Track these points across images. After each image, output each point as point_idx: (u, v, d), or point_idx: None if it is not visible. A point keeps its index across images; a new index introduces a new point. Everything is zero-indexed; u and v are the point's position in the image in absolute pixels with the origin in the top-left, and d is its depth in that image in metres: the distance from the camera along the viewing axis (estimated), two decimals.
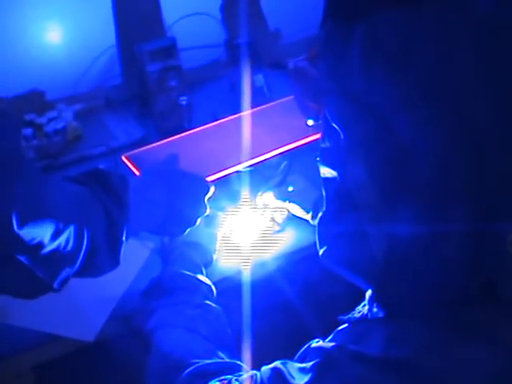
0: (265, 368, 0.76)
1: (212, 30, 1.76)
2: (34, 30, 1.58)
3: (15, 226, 0.74)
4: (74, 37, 1.62)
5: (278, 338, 1.23)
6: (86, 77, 1.66)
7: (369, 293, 0.77)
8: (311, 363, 0.69)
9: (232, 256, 1.20)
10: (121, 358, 1.11)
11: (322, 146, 0.71)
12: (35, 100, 1.61)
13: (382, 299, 0.73)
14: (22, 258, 0.78)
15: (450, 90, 0.57)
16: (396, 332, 0.66)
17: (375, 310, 0.74)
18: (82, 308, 1.09)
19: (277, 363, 0.74)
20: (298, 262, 1.21)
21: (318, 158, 0.73)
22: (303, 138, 1.41)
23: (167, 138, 1.50)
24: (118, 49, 1.68)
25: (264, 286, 1.14)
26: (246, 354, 0.95)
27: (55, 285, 0.84)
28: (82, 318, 1.09)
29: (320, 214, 0.75)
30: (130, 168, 1.39)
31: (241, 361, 0.91)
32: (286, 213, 1.26)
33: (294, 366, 0.72)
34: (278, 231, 1.25)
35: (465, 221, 0.60)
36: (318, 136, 0.73)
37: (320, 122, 0.73)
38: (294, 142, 1.41)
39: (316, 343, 0.74)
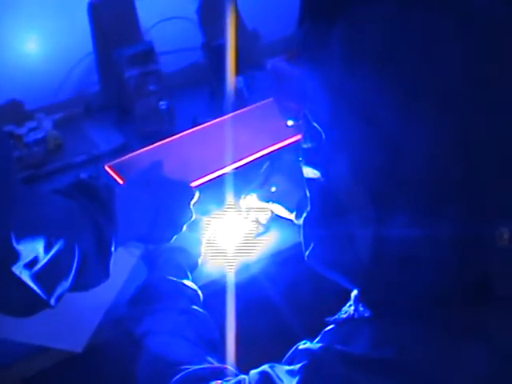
0: (253, 372, 0.75)
1: (189, 33, 1.75)
2: (10, 40, 1.56)
3: (14, 242, 0.75)
4: (51, 46, 1.61)
5: (265, 340, 1.23)
6: (64, 85, 1.66)
7: (354, 293, 0.77)
8: (299, 365, 0.69)
9: (217, 259, 1.20)
10: (111, 365, 1.11)
11: (304, 146, 0.71)
12: (14, 111, 1.61)
13: (368, 299, 0.72)
14: (20, 275, 0.78)
15: (438, 88, 0.56)
16: (382, 331, 0.66)
17: (361, 309, 0.74)
18: (70, 319, 1.08)
19: (265, 367, 0.74)
20: (282, 262, 1.22)
21: (300, 159, 0.73)
22: (285, 140, 1.41)
23: (148, 143, 1.50)
24: (96, 55, 1.68)
25: (250, 288, 1.14)
26: (233, 358, 0.95)
27: (52, 301, 0.85)
28: (70, 328, 1.09)
29: (304, 215, 0.75)
30: (113, 177, 1.39)
31: (229, 364, 0.92)
32: (270, 214, 1.26)
33: (282, 369, 0.72)
34: (263, 232, 1.25)
35: (456, 220, 0.59)
36: (299, 137, 0.73)
37: (300, 122, 0.72)
38: (276, 143, 1.41)
39: (303, 345, 0.74)
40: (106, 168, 1.41)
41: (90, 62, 1.68)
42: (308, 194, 0.73)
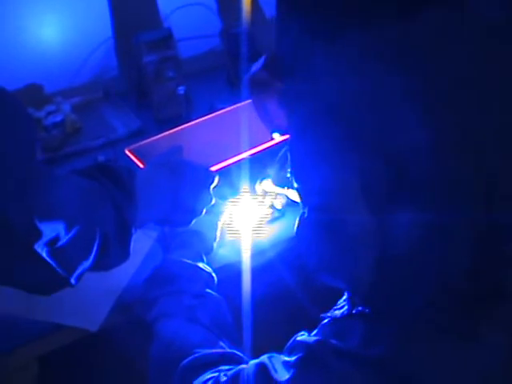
0: (252, 362, 0.76)
1: (208, 20, 1.76)
2: (30, 24, 1.58)
3: (36, 221, 0.77)
4: (70, 30, 1.62)
5: (280, 324, 1.24)
6: (83, 69, 1.67)
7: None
8: (294, 358, 0.69)
9: (232, 243, 1.21)
10: (123, 347, 1.12)
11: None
12: (33, 94, 1.62)
13: (366, 302, 0.71)
14: (42, 252, 0.80)
15: (442, 88, 0.55)
16: (373, 329, 0.66)
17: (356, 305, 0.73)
18: (86, 298, 1.09)
19: (264, 357, 0.75)
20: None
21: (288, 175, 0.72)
22: None
23: (166, 128, 1.50)
24: (115, 41, 1.68)
25: (264, 272, 1.15)
26: (247, 343, 0.95)
27: (72, 279, 0.87)
28: (87, 307, 1.10)
29: (298, 221, 0.73)
30: (133, 161, 1.40)
31: (242, 349, 0.92)
32: (285, 199, 1.26)
33: (279, 360, 0.72)
34: (278, 217, 1.26)
35: (467, 224, 0.58)
36: None
37: (286, 135, 0.71)
38: None
39: (301, 336, 0.74)
40: (126, 152, 1.42)
41: (109, 47, 1.69)
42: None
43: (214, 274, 1.08)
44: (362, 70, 0.57)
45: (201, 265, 1.07)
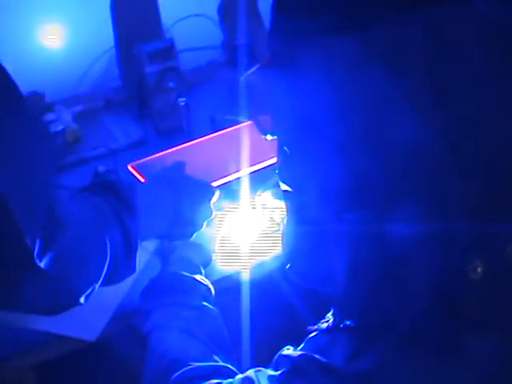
0: (238, 377, 0.77)
1: (210, 32, 1.76)
2: (32, 33, 1.58)
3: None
4: (73, 39, 1.63)
5: (277, 338, 1.24)
6: (85, 79, 1.67)
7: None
8: (279, 372, 0.70)
9: (231, 256, 1.21)
10: (120, 357, 1.12)
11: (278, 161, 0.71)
12: (35, 102, 1.62)
13: (345, 313, 0.71)
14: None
15: (456, 91, 0.55)
16: (358, 344, 0.66)
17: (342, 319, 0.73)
18: (84, 308, 1.09)
19: (250, 371, 0.75)
20: None
21: (276, 171, 0.73)
22: None
23: (166, 138, 1.51)
24: (117, 51, 1.69)
25: (263, 285, 1.15)
26: (244, 356, 0.95)
27: (82, 300, 0.88)
28: (84, 318, 1.09)
29: (282, 226, 0.75)
30: (135, 177, 1.40)
31: (238, 363, 0.92)
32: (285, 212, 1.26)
33: (265, 374, 0.73)
34: (277, 230, 1.26)
35: (461, 231, 0.58)
36: None
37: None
38: None
39: (286, 350, 0.74)
40: (129, 168, 1.42)
41: (111, 57, 1.69)
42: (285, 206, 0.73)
43: (211, 287, 1.08)
44: (359, 69, 0.57)
45: (198, 277, 1.07)
